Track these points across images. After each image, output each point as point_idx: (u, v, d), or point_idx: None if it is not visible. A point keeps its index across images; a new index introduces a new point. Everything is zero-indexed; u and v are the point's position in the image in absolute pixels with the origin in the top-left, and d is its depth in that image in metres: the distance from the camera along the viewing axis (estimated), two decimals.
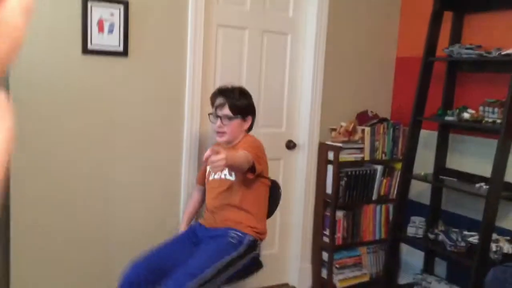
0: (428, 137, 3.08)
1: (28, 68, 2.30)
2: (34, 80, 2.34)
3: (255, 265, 2.31)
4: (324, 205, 3.14)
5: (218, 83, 2.79)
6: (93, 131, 2.49)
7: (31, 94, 2.33)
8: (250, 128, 2.42)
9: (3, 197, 2.30)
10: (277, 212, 3.09)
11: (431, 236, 2.84)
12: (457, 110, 2.77)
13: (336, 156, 3.02)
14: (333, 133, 3.12)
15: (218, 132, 2.33)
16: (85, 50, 2.42)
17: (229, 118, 2.31)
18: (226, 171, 2.28)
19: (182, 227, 2.49)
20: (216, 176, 2.34)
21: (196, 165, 2.75)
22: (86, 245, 2.54)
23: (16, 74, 2.27)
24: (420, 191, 3.18)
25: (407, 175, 3.00)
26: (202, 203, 2.53)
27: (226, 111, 2.30)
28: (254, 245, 2.26)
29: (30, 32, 2.15)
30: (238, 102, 2.32)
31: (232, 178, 2.28)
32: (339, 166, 3.05)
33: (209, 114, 2.43)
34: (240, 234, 2.21)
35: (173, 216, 2.72)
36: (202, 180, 2.52)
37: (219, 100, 2.33)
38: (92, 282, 2.57)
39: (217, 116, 2.32)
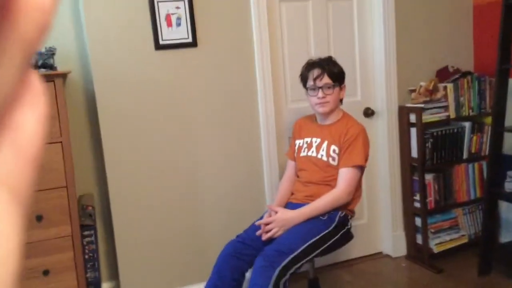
0: None
1: (109, 68, 2.46)
2: (117, 79, 2.49)
3: (346, 238, 2.32)
4: (411, 170, 3.04)
5: (287, 59, 2.80)
6: (174, 122, 2.62)
7: (114, 91, 2.49)
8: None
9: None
10: (363, 183, 3.06)
11: None
12: None
13: (419, 118, 2.91)
14: (413, 94, 3.00)
15: (319, 103, 2.31)
16: (158, 46, 2.53)
17: (330, 87, 2.29)
18: (324, 153, 2.31)
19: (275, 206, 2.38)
20: (311, 154, 2.36)
21: (275, 142, 2.79)
22: (178, 218, 2.69)
23: (99, 74, 2.45)
24: None
25: (499, 129, 2.81)
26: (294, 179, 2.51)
27: (326, 79, 2.29)
28: (345, 221, 2.27)
29: (105, 35, 2.28)
30: (334, 69, 2.32)
31: (327, 160, 2.30)
32: (423, 127, 2.93)
33: (307, 89, 2.38)
34: (331, 211, 2.23)
35: (257, 192, 2.81)
36: (293, 155, 2.50)
37: (316, 72, 2.30)
38: (185, 255, 2.72)
39: (318, 88, 2.30)
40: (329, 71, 2.29)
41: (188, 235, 2.71)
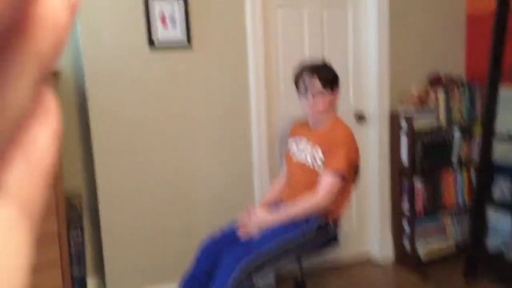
0: (508, 95, 2.89)
1: (102, 66, 2.47)
2: (110, 78, 2.50)
3: (326, 245, 2.30)
4: (400, 175, 3.06)
5: (281, 65, 2.82)
6: (166, 121, 2.62)
7: (106, 89, 2.50)
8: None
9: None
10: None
11: None
12: None
13: (410, 125, 2.93)
14: (404, 101, 3.02)
15: (309, 109, 2.28)
16: (152, 46, 2.53)
17: (320, 92, 2.23)
18: (308, 158, 2.28)
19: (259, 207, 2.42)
20: (299, 158, 2.34)
21: (266, 144, 2.80)
22: (165, 216, 2.70)
23: (91, 72, 2.45)
24: (504, 152, 3.00)
25: (489, 137, 2.84)
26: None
27: (317, 85, 2.23)
28: (325, 227, 2.23)
29: (99, 33, 2.28)
30: (327, 75, 2.26)
31: (311, 165, 2.26)
32: (414, 134, 2.95)
33: (298, 94, 2.34)
34: (309, 217, 2.18)
35: (247, 191, 2.82)
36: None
37: (308, 77, 2.25)
38: (172, 252, 2.71)
39: (308, 93, 2.26)
40: (320, 76, 2.25)
41: (175, 233, 2.71)
